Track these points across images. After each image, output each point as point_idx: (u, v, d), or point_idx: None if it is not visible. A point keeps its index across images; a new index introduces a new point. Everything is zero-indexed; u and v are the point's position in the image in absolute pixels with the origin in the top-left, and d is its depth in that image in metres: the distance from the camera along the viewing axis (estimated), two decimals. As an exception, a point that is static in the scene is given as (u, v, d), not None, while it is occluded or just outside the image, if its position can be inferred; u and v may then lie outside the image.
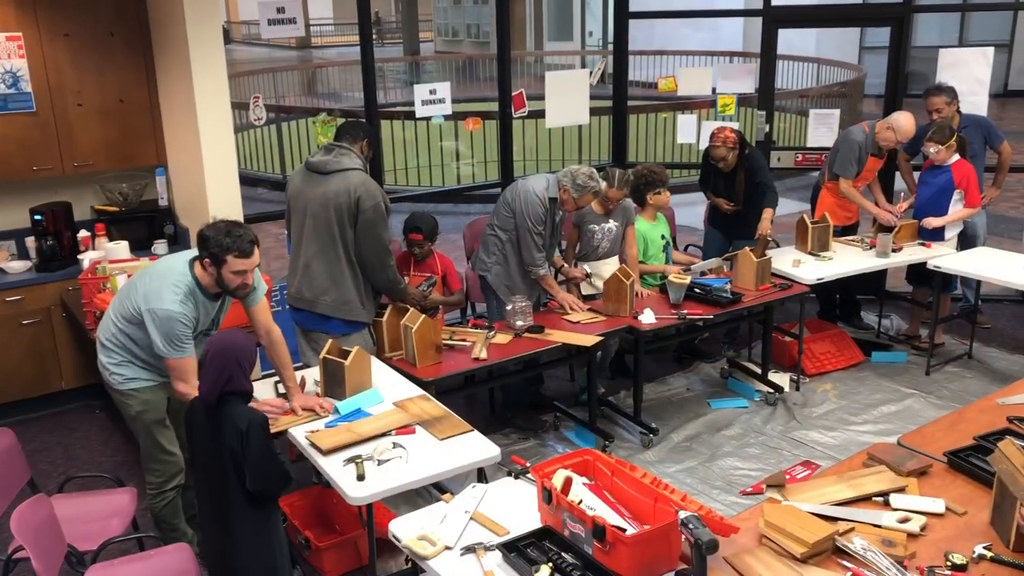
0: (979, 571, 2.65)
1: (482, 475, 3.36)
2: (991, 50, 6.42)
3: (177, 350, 3.41)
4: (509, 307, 4.60)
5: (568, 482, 2.81)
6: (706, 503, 4.23)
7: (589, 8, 23.14)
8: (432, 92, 5.90)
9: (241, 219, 4.25)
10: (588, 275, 5.18)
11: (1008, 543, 2.76)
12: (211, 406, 2.98)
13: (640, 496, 2.78)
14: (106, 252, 5.04)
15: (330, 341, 3.87)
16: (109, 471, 4.36)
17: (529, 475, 3.05)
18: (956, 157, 5.62)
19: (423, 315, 4.17)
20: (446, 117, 6.16)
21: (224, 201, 4.94)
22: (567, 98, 6.51)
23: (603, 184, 4.86)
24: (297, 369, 3.91)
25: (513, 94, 6.26)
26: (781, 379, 5.53)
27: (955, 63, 6.43)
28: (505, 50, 6.20)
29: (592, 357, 4.75)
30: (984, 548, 2.72)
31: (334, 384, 3.75)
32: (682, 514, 2.48)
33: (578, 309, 4.85)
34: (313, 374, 4.00)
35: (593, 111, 7.96)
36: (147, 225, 5.50)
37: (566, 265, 5.17)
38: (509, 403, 5.28)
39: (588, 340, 4.52)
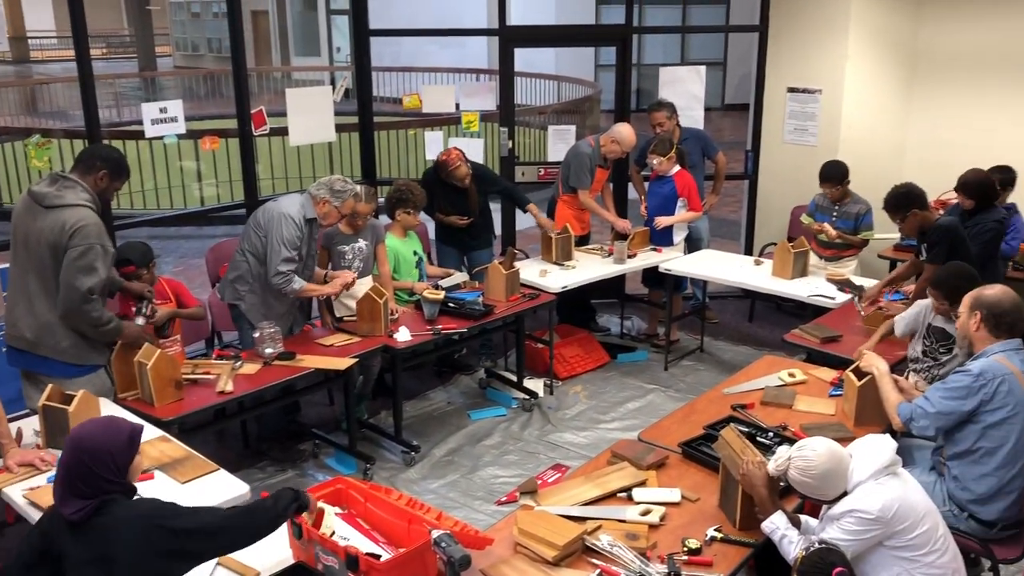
0: (711, 552, 2.86)
1: (231, 515, 3.17)
2: (703, 68, 7.05)
3: None
4: (257, 334, 4.41)
5: (320, 514, 2.72)
6: (469, 515, 4.30)
7: (336, 24, 22.90)
8: (163, 110, 5.55)
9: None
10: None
11: (735, 523, 3.01)
12: None
13: (394, 519, 2.75)
14: None
15: (51, 386, 3.50)
16: None
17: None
18: (677, 168, 6.09)
19: (159, 350, 3.89)
20: (181, 136, 5.81)
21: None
22: (311, 115, 6.36)
23: (359, 188, 4.81)
24: (18, 418, 3.51)
25: (253, 111, 6.02)
26: (536, 385, 5.72)
27: (674, 80, 6.99)
28: (241, 66, 5.96)
29: (348, 380, 4.66)
30: (715, 530, 2.94)
31: (57, 434, 3.39)
32: (435, 533, 2.48)
33: (352, 281, 4.74)
34: (33, 423, 3.61)
35: (342, 128, 7.85)
36: None
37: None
38: (264, 434, 5.06)
39: (342, 363, 4.43)
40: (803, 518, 2.98)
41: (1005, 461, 3.20)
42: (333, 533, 2.65)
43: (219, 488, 3.18)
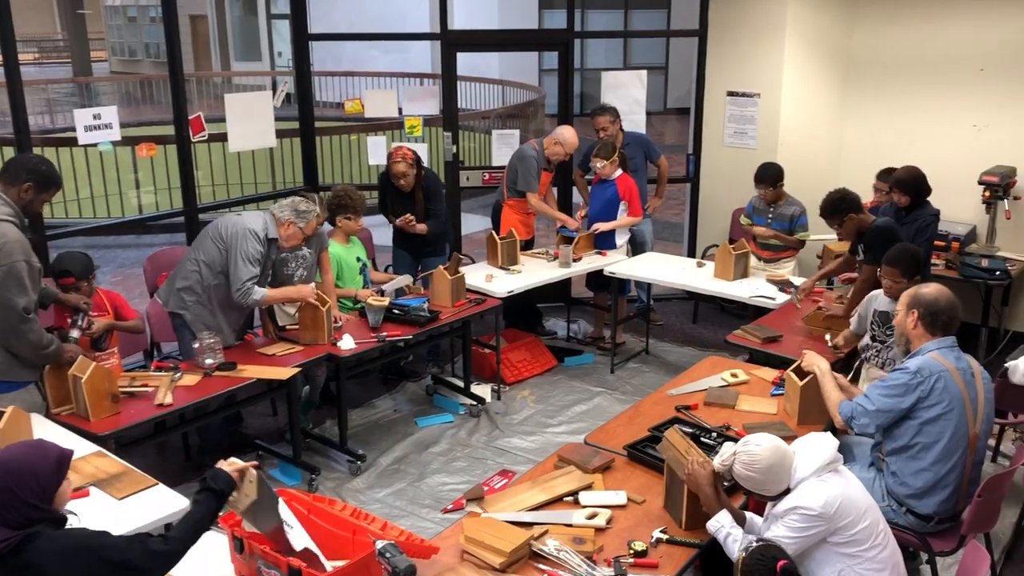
0: (658, 554, 2.88)
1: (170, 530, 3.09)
2: (645, 73, 7.12)
3: None
4: (196, 345, 4.32)
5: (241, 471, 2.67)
6: (416, 524, 4.26)
7: (276, 28, 22.62)
8: (97, 117, 5.41)
9: None
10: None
11: (680, 523, 3.03)
12: None
13: (338, 531, 2.71)
14: None
15: (-24, 403, 3.38)
16: None
17: (219, 525, 2.86)
18: (620, 172, 6.13)
19: (94, 363, 3.78)
20: (117, 143, 5.67)
21: None
22: (251, 120, 6.27)
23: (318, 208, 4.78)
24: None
25: (191, 117, 5.91)
26: (483, 390, 5.70)
27: (616, 85, 7.05)
28: (178, 71, 5.84)
29: (291, 390, 4.59)
30: (660, 532, 2.95)
31: (-13, 452, 3.27)
32: (379, 544, 2.45)
33: (311, 296, 4.67)
34: (-39, 442, 3.47)
35: (283, 133, 7.74)
36: None
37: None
38: (206, 446, 4.95)
39: (284, 373, 4.36)
40: (748, 515, 3.02)
41: (941, 456, 3.27)
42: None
43: (158, 503, 3.10)
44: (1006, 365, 4.26)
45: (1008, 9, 6.04)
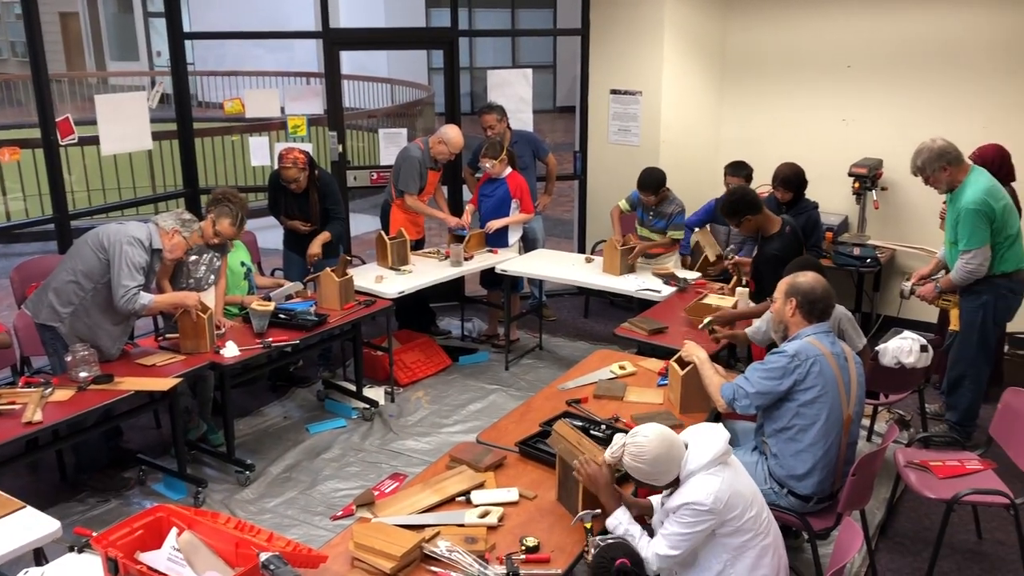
0: (549, 548, 2.89)
1: (41, 555, 2.94)
2: (530, 71, 7.18)
3: None
4: (69, 358, 4.11)
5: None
6: (308, 532, 4.18)
7: (155, 27, 21.80)
8: (-48, 120, 5.09)
9: None
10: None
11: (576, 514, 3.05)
12: None
13: (221, 544, 2.61)
14: None
15: None
16: None
17: (91, 547, 2.73)
18: (509, 170, 6.16)
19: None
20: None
21: None
22: (124, 122, 6.01)
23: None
24: None
25: (58, 119, 5.63)
26: (376, 393, 5.63)
27: (502, 83, 7.07)
28: (42, 71, 5.55)
29: (174, 401, 4.41)
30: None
31: None
32: (263, 556, 2.37)
33: (195, 303, 4.51)
34: None
35: (163, 135, 7.46)
36: None
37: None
38: (84, 464, 4.72)
39: (164, 383, 4.20)
40: (654, 501, 3.06)
41: (818, 437, 3.40)
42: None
43: (27, 527, 2.93)
44: (877, 348, 4.47)
45: (871, 9, 6.34)
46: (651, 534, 2.93)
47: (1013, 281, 4.70)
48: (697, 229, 6.14)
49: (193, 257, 4.89)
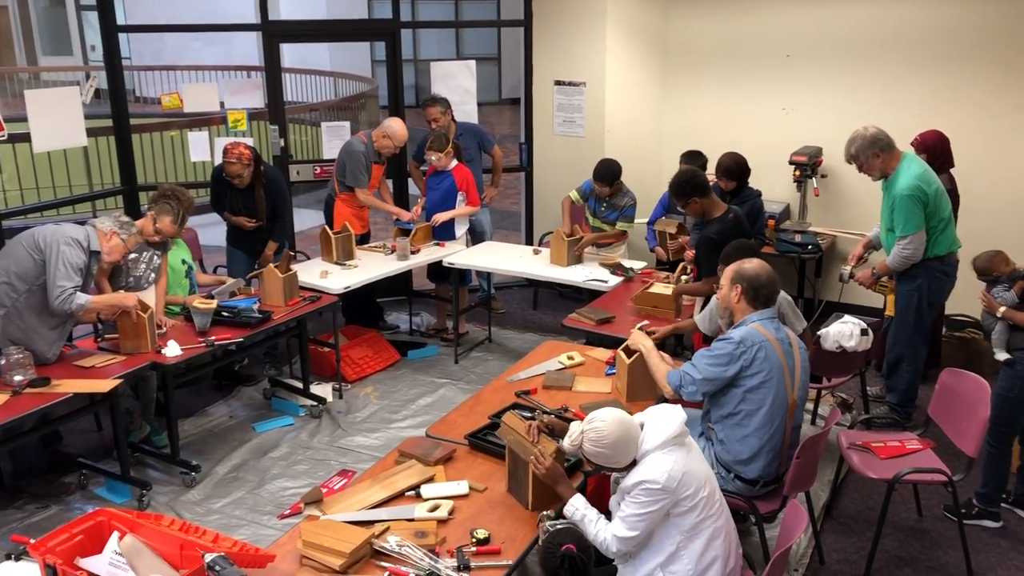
0: (500, 539, 2.89)
1: (-26, 566, 2.84)
2: (473, 63, 7.14)
3: None
4: (3, 361, 3.99)
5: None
6: (256, 532, 4.12)
7: (88, 20, 21.21)
8: None
9: None
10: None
11: (527, 504, 3.06)
12: None
13: (165, 547, 2.56)
14: None
15: None
16: None
17: (28, 554, 2.65)
18: (455, 163, 6.13)
19: None
20: None
21: None
22: (57, 118, 5.82)
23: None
24: None
25: (-14, 116, 5.44)
26: (324, 390, 5.57)
27: (446, 75, 7.03)
28: (-32, 66, 5.35)
29: (115, 403, 4.31)
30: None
31: None
32: (208, 557, 2.33)
33: (133, 304, 4.41)
34: None
35: (100, 131, 7.27)
36: None
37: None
38: (21, 470, 4.59)
39: (103, 385, 4.09)
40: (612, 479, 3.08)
41: (763, 422, 3.45)
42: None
43: (-41, 537, 2.84)
44: (819, 333, 4.55)
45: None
46: (608, 517, 2.95)
47: (946, 264, 4.82)
48: (657, 221, 6.17)
49: (133, 255, 4.79)
